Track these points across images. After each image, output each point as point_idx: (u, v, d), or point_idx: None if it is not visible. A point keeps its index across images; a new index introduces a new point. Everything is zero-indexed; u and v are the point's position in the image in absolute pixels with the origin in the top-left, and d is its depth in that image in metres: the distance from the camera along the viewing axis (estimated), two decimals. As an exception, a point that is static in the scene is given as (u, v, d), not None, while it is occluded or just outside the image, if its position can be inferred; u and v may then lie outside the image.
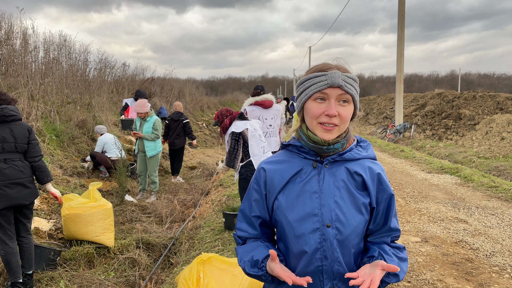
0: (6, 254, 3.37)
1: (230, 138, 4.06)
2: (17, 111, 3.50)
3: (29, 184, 3.46)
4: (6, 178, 3.31)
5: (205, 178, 8.71)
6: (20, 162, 3.44)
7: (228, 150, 4.05)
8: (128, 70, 16.61)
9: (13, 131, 3.40)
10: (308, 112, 1.27)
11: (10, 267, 3.39)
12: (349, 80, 1.24)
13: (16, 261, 3.42)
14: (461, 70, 59.93)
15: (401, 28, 16.19)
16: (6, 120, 3.38)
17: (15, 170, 3.37)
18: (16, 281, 3.43)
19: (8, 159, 3.37)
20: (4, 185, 3.29)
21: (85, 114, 9.84)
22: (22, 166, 3.44)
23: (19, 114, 3.51)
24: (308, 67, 1.34)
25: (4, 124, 3.39)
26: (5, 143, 3.36)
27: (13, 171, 3.36)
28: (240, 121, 4.16)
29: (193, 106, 23.44)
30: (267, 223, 1.38)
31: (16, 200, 3.35)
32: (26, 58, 9.95)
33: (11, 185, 3.33)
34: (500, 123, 13.57)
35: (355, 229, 1.25)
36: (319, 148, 1.26)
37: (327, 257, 1.24)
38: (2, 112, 3.36)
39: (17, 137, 3.41)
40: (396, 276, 1.24)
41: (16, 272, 3.41)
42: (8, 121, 3.40)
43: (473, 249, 4.22)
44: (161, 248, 4.68)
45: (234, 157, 4.03)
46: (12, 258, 3.39)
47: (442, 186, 7.24)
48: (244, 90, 71.11)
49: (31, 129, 3.56)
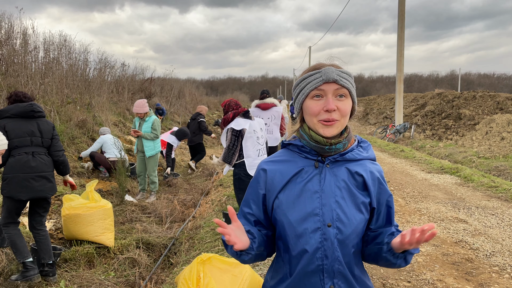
0: (11, 236, 3.52)
1: (230, 133, 4.00)
2: (42, 108, 3.73)
3: (52, 179, 3.65)
4: (33, 170, 3.49)
5: (205, 178, 8.71)
6: (45, 156, 3.63)
7: (227, 145, 3.99)
8: (128, 70, 16.61)
9: (40, 126, 3.61)
10: (307, 110, 1.28)
11: (16, 248, 3.51)
12: (344, 74, 1.25)
13: (21, 241, 3.55)
14: (461, 70, 59.98)
15: (401, 28, 16.19)
16: (34, 115, 3.59)
17: (41, 164, 3.55)
18: (25, 261, 3.52)
19: (35, 152, 3.55)
20: (30, 177, 3.47)
21: (85, 114, 9.85)
22: (47, 161, 3.63)
23: (44, 111, 3.75)
24: (308, 67, 1.35)
25: (32, 119, 3.60)
26: (33, 137, 3.55)
27: (39, 164, 3.54)
28: (243, 119, 4.10)
29: (193, 106, 23.45)
30: (262, 223, 1.38)
31: (40, 193, 3.52)
32: (26, 58, 9.95)
33: (37, 178, 3.51)
34: (500, 123, 13.58)
35: (355, 229, 1.26)
36: (321, 148, 1.27)
37: (327, 256, 1.25)
38: (32, 108, 3.58)
39: (43, 132, 3.61)
40: (415, 249, 1.21)
41: (23, 252, 3.53)
42: (36, 117, 3.62)
43: (473, 249, 4.22)
44: (161, 248, 4.68)
45: (233, 153, 3.99)
46: (17, 238, 3.53)
47: (442, 186, 7.24)
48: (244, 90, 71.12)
49: (54, 126, 3.79)
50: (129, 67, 17.91)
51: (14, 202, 3.49)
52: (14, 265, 3.79)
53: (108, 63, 14.51)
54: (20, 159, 3.47)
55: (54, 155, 3.69)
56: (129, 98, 14.69)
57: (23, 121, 3.54)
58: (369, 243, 1.32)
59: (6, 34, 9.60)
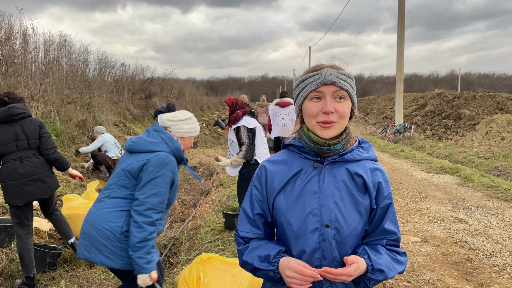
0: (21, 249, 3.46)
1: (246, 131, 4.02)
2: (26, 108, 3.55)
3: (47, 179, 3.56)
4: (22, 176, 3.40)
5: (205, 178, 8.71)
6: (35, 158, 3.51)
7: (248, 143, 4.00)
8: (128, 70, 16.61)
9: (24, 128, 3.46)
10: (305, 112, 1.28)
11: (23, 261, 3.48)
12: (343, 76, 1.24)
13: (29, 256, 3.50)
14: (461, 70, 59.98)
15: (401, 28, 16.20)
16: (15, 118, 3.43)
17: (30, 167, 3.44)
18: (29, 275, 3.50)
19: (23, 157, 3.44)
20: (22, 183, 3.39)
21: (85, 114, 9.85)
22: (37, 162, 3.51)
23: (28, 110, 3.56)
24: (308, 67, 1.35)
25: (14, 122, 3.43)
26: (18, 141, 3.43)
27: (28, 168, 3.43)
28: (251, 118, 4.15)
29: (193, 106, 23.45)
30: (268, 223, 1.38)
31: (35, 196, 3.48)
32: (26, 58, 9.95)
33: (28, 182, 3.42)
34: (500, 123, 13.58)
35: (353, 230, 1.26)
36: (319, 149, 1.26)
37: (325, 257, 1.25)
38: (10, 112, 3.40)
39: (29, 134, 3.47)
40: (381, 273, 1.22)
41: (28, 267, 3.49)
42: (18, 119, 3.45)
43: (473, 249, 4.22)
44: (161, 248, 4.68)
45: (253, 150, 4.03)
46: (25, 253, 3.47)
47: (442, 186, 7.24)
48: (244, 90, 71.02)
49: (42, 124, 3.62)
50: (129, 67, 17.90)
51: (14, 208, 3.46)
52: (14, 265, 3.79)
53: (108, 63, 14.53)
54: (8, 166, 3.38)
55: (45, 155, 3.58)
56: (129, 98, 14.69)
57: (6, 126, 3.40)
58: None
59: (6, 34, 9.60)
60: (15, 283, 3.54)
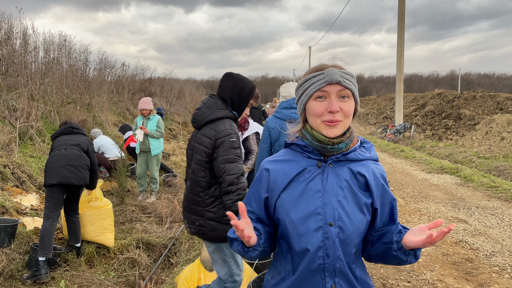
0: (44, 230, 3.72)
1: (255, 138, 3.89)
2: (81, 128, 4.43)
3: (82, 170, 4.00)
4: (63, 160, 3.92)
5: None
6: (77, 151, 4.06)
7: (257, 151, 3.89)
8: (128, 70, 16.61)
9: (78, 138, 4.21)
10: (310, 112, 1.28)
11: (43, 242, 3.68)
12: (347, 76, 1.26)
13: (50, 239, 3.72)
14: (461, 70, 60.02)
15: (401, 28, 16.20)
16: (73, 131, 4.25)
17: (73, 155, 4.00)
18: (45, 257, 3.65)
19: (68, 147, 4.04)
20: (60, 165, 3.89)
21: (85, 114, 9.85)
22: (79, 154, 4.05)
23: (83, 130, 4.42)
24: (309, 67, 1.36)
25: (71, 134, 4.24)
26: (69, 143, 4.12)
27: (71, 155, 3.99)
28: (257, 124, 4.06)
29: (193, 106, 23.44)
30: (263, 221, 1.39)
31: (68, 179, 3.85)
32: (26, 58, 9.95)
33: (67, 166, 3.91)
34: (500, 123, 13.58)
35: (357, 229, 1.27)
36: (323, 148, 1.27)
37: (329, 255, 1.25)
38: (70, 125, 4.31)
39: (81, 142, 4.18)
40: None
41: (46, 248, 3.68)
42: (75, 133, 4.25)
43: (473, 249, 4.22)
44: (161, 248, 4.68)
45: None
46: (47, 235, 3.73)
47: (442, 186, 7.24)
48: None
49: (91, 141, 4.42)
50: (129, 67, 17.91)
51: (50, 188, 3.89)
52: (14, 265, 3.79)
53: (108, 63, 14.53)
54: (54, 154, 4.06)
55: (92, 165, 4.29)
56: (129, 98, 14.69)
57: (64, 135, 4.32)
58: (375, 243, 1.33)
59: (6, 34, 9.60)
60: (23, 277, 3.61)
